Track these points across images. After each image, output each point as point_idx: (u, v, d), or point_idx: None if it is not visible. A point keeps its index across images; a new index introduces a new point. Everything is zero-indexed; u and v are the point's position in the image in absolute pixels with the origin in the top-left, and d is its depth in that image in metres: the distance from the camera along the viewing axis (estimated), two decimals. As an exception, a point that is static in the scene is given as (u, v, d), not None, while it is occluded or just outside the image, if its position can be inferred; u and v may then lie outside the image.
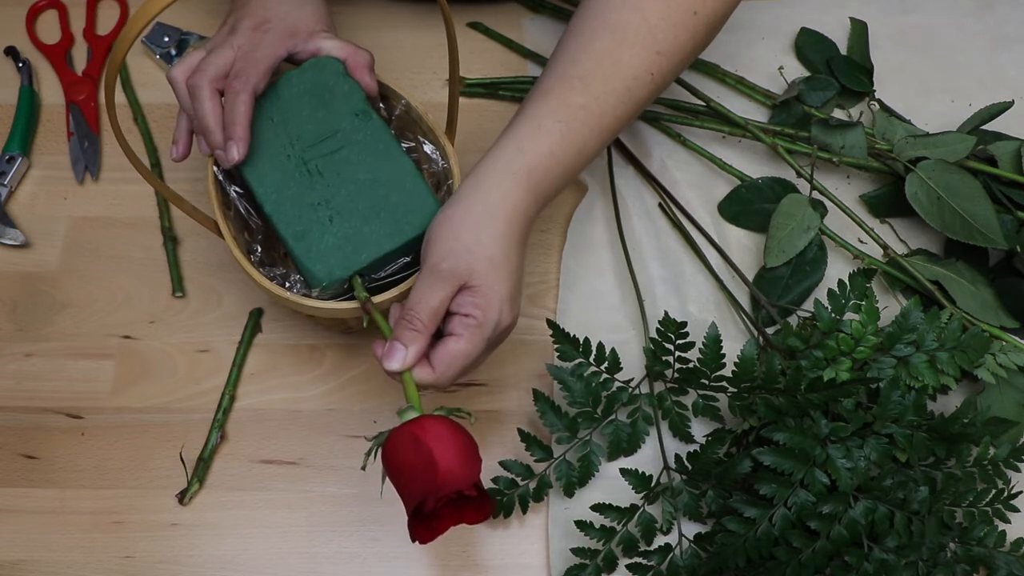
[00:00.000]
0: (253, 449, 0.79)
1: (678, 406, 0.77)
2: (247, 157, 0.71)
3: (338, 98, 0.73)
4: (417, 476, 0.61)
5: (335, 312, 0.70)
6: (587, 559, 0.72)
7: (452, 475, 0.60)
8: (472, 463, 0.62)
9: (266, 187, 0.71)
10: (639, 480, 0.74)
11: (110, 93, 0.58)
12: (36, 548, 0.75)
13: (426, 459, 0.60)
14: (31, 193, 0.88)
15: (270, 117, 0.73)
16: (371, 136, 0.73)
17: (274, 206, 0.71)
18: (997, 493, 0.73)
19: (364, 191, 0.71)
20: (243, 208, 0.74)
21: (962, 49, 0.96)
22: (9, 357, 0.81)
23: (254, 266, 0.71)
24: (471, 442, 0.63)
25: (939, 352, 0.74)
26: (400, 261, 0.71)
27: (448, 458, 0.60)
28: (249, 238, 0.75)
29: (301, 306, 0.70)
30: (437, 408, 0.64)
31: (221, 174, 0.73)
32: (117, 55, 0.56)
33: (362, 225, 0.70)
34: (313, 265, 0.69)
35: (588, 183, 0.88)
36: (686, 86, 0.89)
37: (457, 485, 0.60)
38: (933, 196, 0.82)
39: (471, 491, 0.61)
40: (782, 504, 0.69)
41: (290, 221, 0.70)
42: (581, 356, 0.75)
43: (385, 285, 0.71)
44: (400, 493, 0.62)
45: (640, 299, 0.82)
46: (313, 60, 0.74)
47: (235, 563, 0.75)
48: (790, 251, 0.83)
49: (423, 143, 0.77)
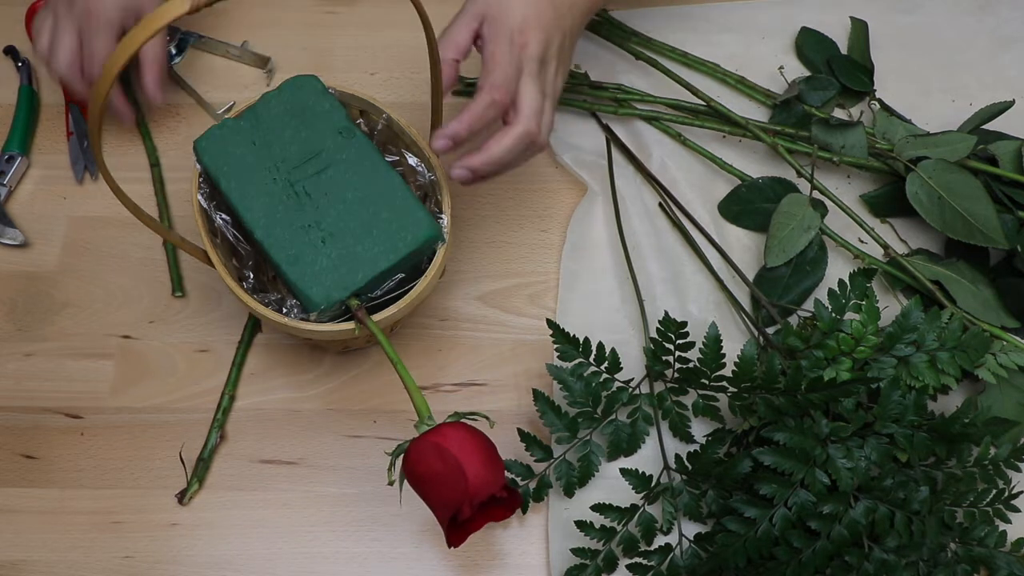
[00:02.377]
0: (253, 449, 0.79)
1: (678, 406, 0.77)
2: (233, 183, 0.70)
3: (319, 117, 0.73)
4: (447, 485, 0.62)
5: (334, 334, 0.70)
6: (587, 559, 0.72)
7: (482, 481, 0.61)
8: (497, 464, 0.63)
9: (254, 212, 0.70)
10: (639, 480, 0.74)
11: (96, 127, 0.57)
12: (36, 548, 0.75)
13: (453, 468, 0.61)
14: (30, 193, 0.88)
15: (252, 141, 0.72)
16: (356, 153, 0.72)
17: (264, 231, 0.70)
18: (998, 493, 0.73)
19: (354, 210, 0.70)
20: (231, 235, 0.73)
21: (962, 49, 0.95)
22: (9, 357, 0.81)
23: (248, 293, 0.71)
24: (490, 444, 0.64)
25: (939, 352, 0.74)
26: (396, 277, 0.71)
27: (475, 464, 0.61)
28: (238, 264, 0.75)
29: (299, 330, 0.70)
30: (450, 415, 0.65)
31: (205, 202, 0.72)
32: (101, 90, 0.54)
33: (355, 245, 0.70)
34: (309, 289, 0.68)
35: (588, 183, 0.88)
36: (686, 86, 0.89)
37: (489, 490, 0.62)
38: (934, 196, 0.82)
39: (502, 492, 0.63)
40: (782, 504, 0.68)
41: (282, 245, 0.69)
42: (581, 356, 0.75)
43: (381, 304, 0.71)
44: (429, 502, 0.63)
45: (640, 299, 0.82)
46: (290, 80, 0.74)
47: (235, 563, 0.75)
48: (790, 251, 0.83)
49: (407, 156, 0.76)
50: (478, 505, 0.62)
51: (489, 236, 0.87)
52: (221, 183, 0.71)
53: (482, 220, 0.87)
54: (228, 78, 0.93)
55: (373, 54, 0.94)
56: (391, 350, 0.66)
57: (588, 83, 0.91)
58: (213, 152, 0.71)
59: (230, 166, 0.71)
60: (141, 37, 0.52)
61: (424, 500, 0.64)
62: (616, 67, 0.94)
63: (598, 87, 0.90)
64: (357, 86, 0.76)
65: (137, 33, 0.52)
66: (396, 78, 0.93)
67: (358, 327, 0.69)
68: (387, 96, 0.92)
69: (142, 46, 0.52)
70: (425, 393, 0.81)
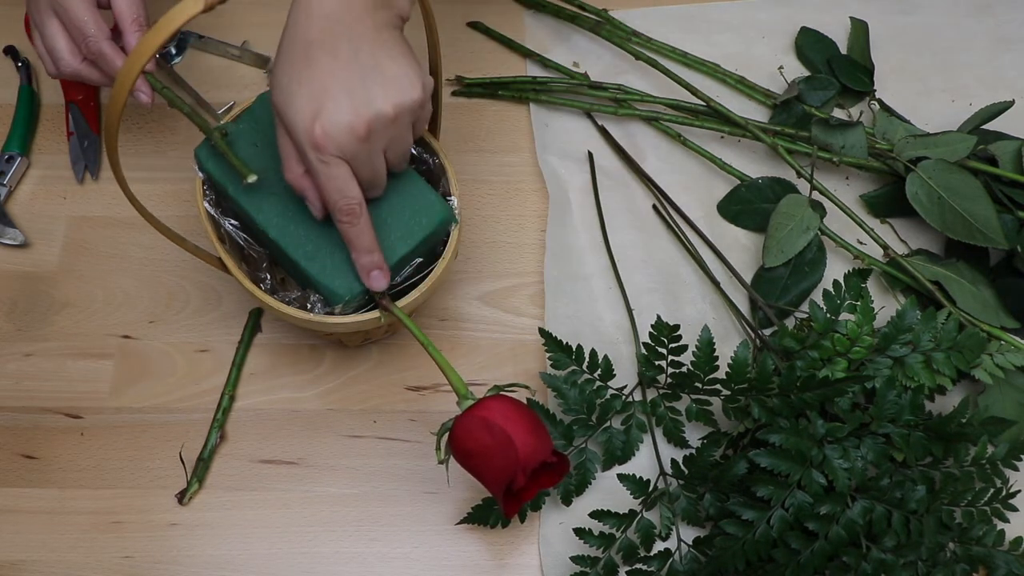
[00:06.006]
0: (253, 449, 0.79)
1: (672, 411, 0.77)
2: (241, 187, 0.70)
3: None
4: (497, 457, 0.62)
5: (360, 325, 0.70)
6: (587, 567, 0.72)
7: (531, 449, 0.62)
8: (543, 431, 0.64)
9: (265, 213, 0.70)
10: (637, 485, 0.74)
11: (112, 140, 0.57)
12: (35, 548, 0.75)
13: (502, 440, 0.62)
14: (31, 193, 0.88)
15: (253, 143, 0.71)
16: None
17: (279, 230, 0.70)
18: (996, 492, 0.73)
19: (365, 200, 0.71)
20: (240, 239, 0.73)
21: (962, 49, 0.95)
22: (8, 357, 0.81)
23: (268, 294, 0.70)
24: (532, 412, 0.65)
25: (935, 352, 0.74)
26: (415, 262, 0.71)
27: (522, 434, 0.62)
28: (250, 268, 0.75)
29: (324, 325, 0.70)
30: (490, 388, 0.65)
31: (212, 209, 0.72)
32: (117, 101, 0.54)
33: None
34: (332, 282, 0.68)
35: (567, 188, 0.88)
36: (686, 86, 0.89)
37: (539, 457, 0.62)
38: (934, 196, 0.82)
39: (552, 458, 0.64)
40: (779, 506, 0.69)
41: (299, 243, 0.69)
42: (574, 364, 0.75)
43: (401, 292, 0.71)
44: (480, 477, 0.64)
45: (629, 307, 0.82)
46: None
47: (235, 563, 0.75)
48: (789, 251, 0.83)
49: None
50: (531, 473, 0.63)
51: (489, 236, 0.87)
52: (229, 189, 0.70)
53: (482, 220, 0.88)
54: (228, 78, 0.93)
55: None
56: (420, 333, 0.66)
57: (588, 83, 0.91)
58: (215, 158, 0.71)
59: (234, 171, 0.71)
60: (157, 40, 0.52)
61: (475, 475, 0.64)
62: (616, 67, 0.94)
63: (598, 87, 0.90)
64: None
65: (152, 36, 0.52)
66: (396, 78, 0.93)
67: (383, 315, 0.69)
68: (387, 96, 0.92)
69: (159, 50, 0.52)
70: (425, 393, 0.81)
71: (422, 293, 0.70)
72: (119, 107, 0.54)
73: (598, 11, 0.94)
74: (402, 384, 0.81)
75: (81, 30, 0.75)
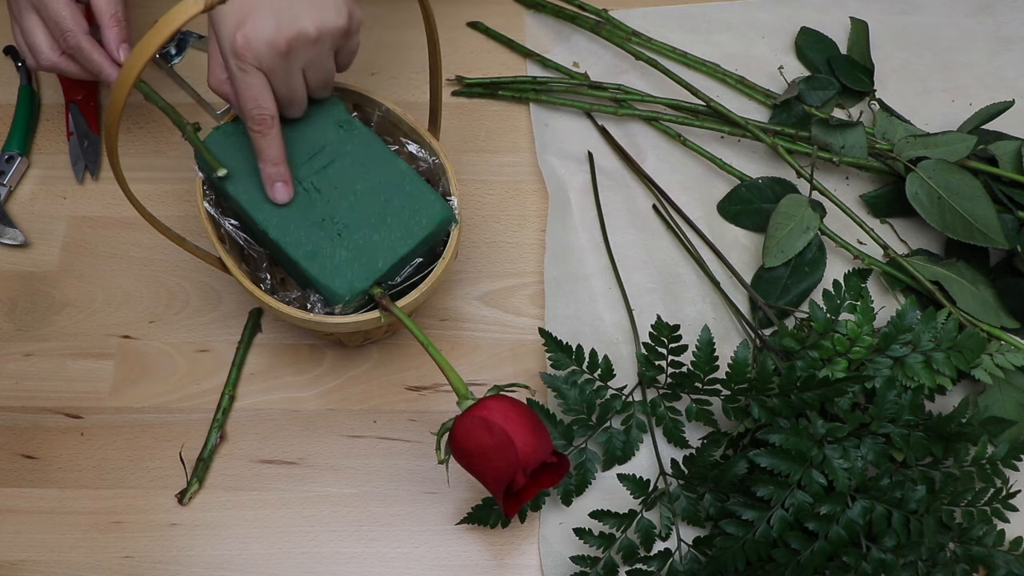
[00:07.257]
0: (253, 449, 0.79)
1: (672, 411, 0.77)
2: (240, 186, 0.70)
3: (317, 112, 0.73)
4: (497, 458, 0.62)
5: (359, 325, 0.70)
6: (587, 567, 0.72)
7: (531, 449, 0.62)
8: (543, 431, 0.64)
9: (266, 213, 0.70)
10: (637, 485, 0.74)
11: (112, 140, 0.57)
12: (35, 548, 0.75)
13: (502, 440, 0.62)
14: (31, 193, 0.88)
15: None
16: (359, 145, 0.72)
17: (279, 230, 0.70)
18: (996, 492, 0.73)
19: (366, 200, 0.71)
20: (240, 239, 0.73)
21: (962, 49, 0.95)
22: (8, 357, 0.81)
23: (268, 294, 0.71)
24: (532, 412, 0.65)
25: (935, 353, 0.74)
26: (415, 262, 0.71)
27: (522, 433, 0.62)
28: (250, 268, 0.75)
29: (324, 325, 0.70)
30: (490, 389, 0.65)
31: (212, 209, 0.72)
32: (117, 103, 0.54)
33: (371, 234, 0.70)
34: (332, 282, 0.69)
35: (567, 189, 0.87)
36: (686, 86, 0.89)
37: (539, 457, 0.62)
38: (934, 196, 0.82)
39: (552, 458, 0.64)
40: (779, 506, 0.69)
41: (299, 243, 0.69)
42: (574, 364, 0.75)
43: (401, 292, 0.71)
44: (480, 477, 0.64)
45: (629, 307, 0.82)
46: None
47: (235, 563, 0.75)
48: (789, 251, 0.83)
49: (406, 144, 0.76)
50: (531, 473, 0.63)
51: (489, 236, 0.87)
52: (228, 188, 0.70)
53: (482, 220, 0.88)
54: (228, 78, 0.93)
55: (373, 54, 0.94)
56: (420, 333, 0.66)
57: (588, 83, 0.91)
58: None
59: (234, 170, 0.71)
60: (157, 40, 0.52)
61: (475, 475, 0.64)
62: (616, 67, 0.94)
63: (598, 87, 0.90)
64: (358, 86, 0.77)
65: (152, 36, 0.52)
66: (396, 78, 0.93)
67: (383, 315, 0.69)
68: (387, 95, 0.92)
69: (158, 51, 0.52)
70: (425, 393, 0.81)
71: (422, 293, 0.70)
72: (119, 107, 0.54)
73: (598, 11, 0.94)
74: (402, 384, 0.81)
75: (59, 25, 0.76)
